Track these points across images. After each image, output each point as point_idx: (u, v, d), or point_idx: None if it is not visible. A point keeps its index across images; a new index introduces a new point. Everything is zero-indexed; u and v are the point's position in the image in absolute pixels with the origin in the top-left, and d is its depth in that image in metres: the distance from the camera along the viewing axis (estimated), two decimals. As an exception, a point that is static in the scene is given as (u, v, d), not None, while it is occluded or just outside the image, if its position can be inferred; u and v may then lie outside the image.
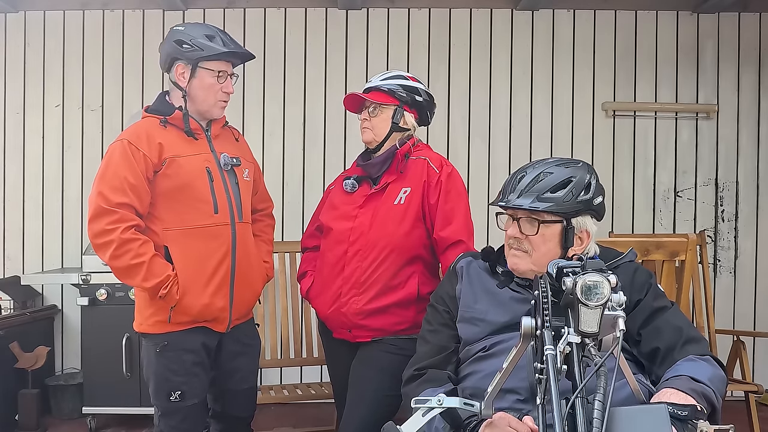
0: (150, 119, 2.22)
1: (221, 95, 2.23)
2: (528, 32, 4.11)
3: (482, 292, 1.77)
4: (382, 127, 2.33)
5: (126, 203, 2.09)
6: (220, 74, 2.20)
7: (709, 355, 1.55)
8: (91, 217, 2.09)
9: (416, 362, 1.79)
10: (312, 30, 4.07)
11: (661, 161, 4.17)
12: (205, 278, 2.17)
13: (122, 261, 2.07)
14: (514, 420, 1.38)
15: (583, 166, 1.71)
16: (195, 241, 2.17)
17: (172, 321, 2.15)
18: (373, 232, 2.27)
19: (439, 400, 1.31)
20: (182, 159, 2.17)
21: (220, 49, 2.17)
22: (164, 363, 2.18)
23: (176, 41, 2.17)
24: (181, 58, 2.17)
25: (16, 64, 4.05)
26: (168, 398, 2.18)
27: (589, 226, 1.69)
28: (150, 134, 2.15)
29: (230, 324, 2.27)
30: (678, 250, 2.54)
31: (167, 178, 2.15)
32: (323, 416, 3.57)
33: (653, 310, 1.64)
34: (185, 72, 2.19)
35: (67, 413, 3.67)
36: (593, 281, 1.19)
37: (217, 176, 2.21)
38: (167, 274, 2.10)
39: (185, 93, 2.20)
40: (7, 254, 4.05)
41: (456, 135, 4.12)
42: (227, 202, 2.22)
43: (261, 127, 4.06)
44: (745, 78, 4.14)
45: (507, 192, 1.72)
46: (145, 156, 2.11)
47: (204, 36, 2.17)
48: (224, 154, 2.26)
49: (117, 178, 2.09)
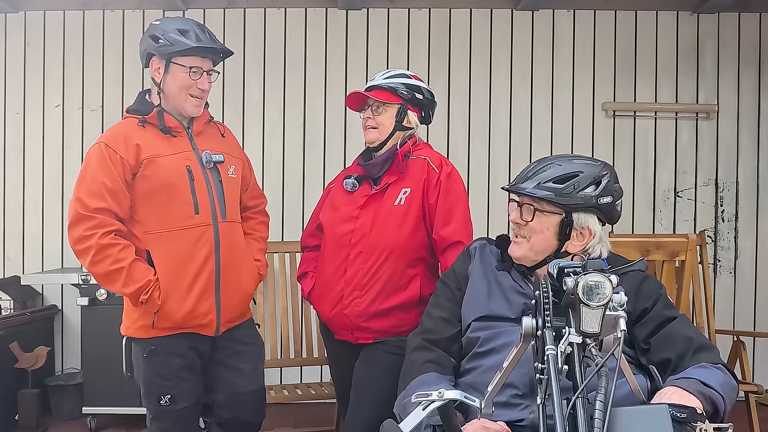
0: (129, 120, 2.17)
1: (195, 91, 2.15)
2: (528, 32, 4.11)
3: (489, 274, 1.78)
4: (386, 126, 2.32)
5: (104, 208, 2.04)
6: (193, 70, 2.12)
7: (721, 363, 1.53)
8: (70, 224, 2.06)
9: (425, 332, 1.79)
10: (312, 30, 4.07)
11: (661, 161, 4.17)
12: (187, 282, 2.12)
13: (101, 267, 2.03)
14: (488, 422, 1.41)
15: (600, 165, 1.70)
16: (175, 244, 2.11)
17: (156, 326, 2.10)
18: (374, 234, 2.27)
19: (440, 393, 1.30)
20: (161, 159, 2.11)
21: (189, 44, 2.09)
22: (152, 367, 2.13)
23: (151, 36, 2.12)
24: (155, 53, 2.12)
25: (16, 64, 4.05)
26: (158, 402, 2.13)
27: (591, 225, 1.67)
28: (128, 135, 2.10)
29: (219, 328, 2.20)
30: (678, 250, 2.54)
31: (145, 179, 2.10)
32: (323, 416, 3.57)
33: (664, 319, 1.62)
34: (160, 68, 2.13)
35: (67, 413, 3.67)
36: (595, 281, 1.19)
37: (198, 175, 2.15)
38: (148, 279, 2.05)
39: (160, 89, 2.15)
40: (7, 254, 4.05)
41: (456, 135, 4.11)
42: (209, 202, 2.16)
43: (261, 127, 4.06)
44: (745, 78, 4.14)
45: (517, 177, 1.74)
46: (122, 159, 2.07)
47: (176, 30, 2.11)
48: (206, 151, 2.19)
49: (94, 182, 2.05)
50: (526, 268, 1.73)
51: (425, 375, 1.67)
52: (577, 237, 1.68)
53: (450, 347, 1.76)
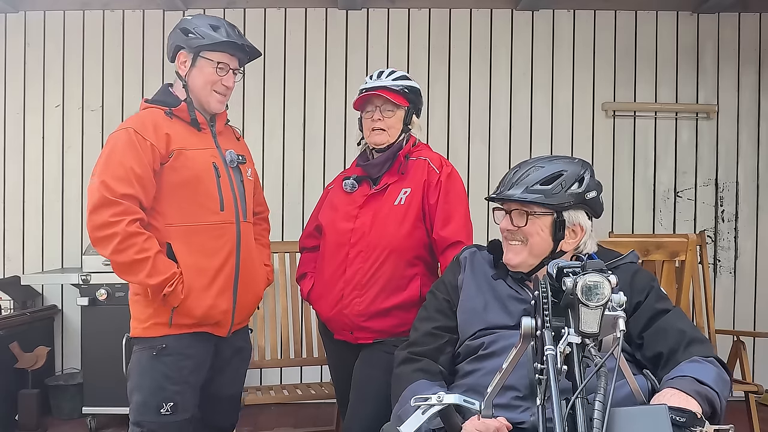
0: (153, 110, 2.11)
1: (219, 87, 2.13)
2: (528, 32, 4.11)
3: (484, 284, 1.78)
4: (396, 128, 2.32)
5: (131, 195, 1.96)
6: (220, 66, 2.11)
7: (713, 356, 1.54)
8: (93, 208, 1.94)
9: (411, 345, 1.80)
10: (312, 30, 4.07)
11: (661, 161, 4.17)
12: (209, 278, 2.07)
13: (126, 255, 1.93)
14: (487, 419, 1.41)
15: (578, 162, 1.73)
16: (199, 239, 2.06)
17: (173, 323, 2.02)
18: (374, 233, 2.27)
19: (439, 397, 1.30)
20: (189, 152, 2.07)
21: (218, 38, 2.08)
22: (160, 369, 2.02)
23: (182, 29, 2.12)
24: (184, 46, 2.11)
25: (16, 64, 4.05)
26: (158, 412, 2.01)
27: (582, 221, 1.70)
28: (157, 124, 2.04)
29: (231, 328, 2.17)
30: (678, 251, 2.54)
31: (174, 171, 2.04)
32: (323, 416, 3.57)
33: (655, 312, 1.63)
34: (186, 61, 2.11)
35: (67, 413, 3.67)
36: (594, 281, 1.19)
37: (223, 172, 2.12)
38: (173, 272, 1.98)
39: (185, 83, 2.13)
40: (7, 254, 4.05)
41: (456, 135, 4.12)
42: (233, 200, 2.13)
43: (261, 127, 4.06)
44: (745, 78, 4.14)
45: (500, 186, 1.75)
46: (152, 146, 2.00)
47: (208, 26, 2.10)
48: (230, 150, 2.18)
49: (122, 167, 1.96)
50: (524, 275, 1.73)
51: (416, 383, 1.67)
52: (570, 234, 1.70)
53: (437, 358, 1.75)
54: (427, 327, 1.80)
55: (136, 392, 2.05)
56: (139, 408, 2.04)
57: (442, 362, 1.75)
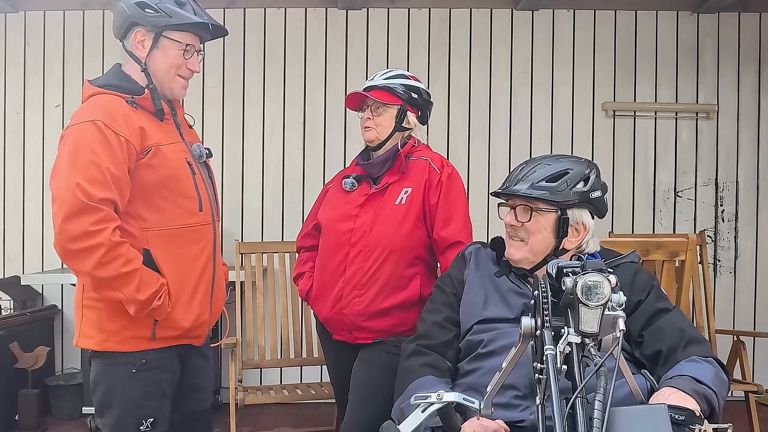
0: (113, 98, 1.81)
1: (184, 71, 1.89)
2: (528, 32, 4.11)
3: (486, 279, 1.79)
4: (386, 126, 2.32)
5: (109, 199, 1.71)
6: (187, 48, 1.86)
7: (712, 357, 1.55)
8: (68, 215, 1.67)
9: (419, 338, 1.80)
10: (312, 30, 4.07)
11: (661, 161, 4.17)
12: (192, 285, 1.87)
13: (110, 269, 1.69)
14: (486, 420, 1.42)
15: (584, 162, 1.74)
16: (179, 244, 1.85)
17: (157, 337, 1.81)
18: (374, 232, 2.26)
19: (439, 396, 1.31)
20: (164, 147, 1.83)
21: (192, 19, 1.84)
22: (139, 386, 1.81)
23: (138, 3, 1.82)
24: (142, 23, 1.82)
25: (16, 64, 4.05)
26: (136, 428, 1.81)
27: (585, 220, 1.71)
28: (127, 116, 1.77)
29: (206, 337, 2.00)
30: (678, 250, 2.54)
31: (151, 169, 1.80)
32: (323, 416, 3.57)
33: (655, 311, 1.64)
34: (145, 40, 1.84)
35: (67, 413, 3.68)
36: (593, 281, 1.19)
37: (195, 169, 1.91)
38: (161, 283, 1.77)
39: (144, 66, 1.85)
40: (7, 254, 4.05)
41: (456, 135, 4.12)
42: (208, 199, 1.93)
43: (261, 127, 4.06)
44: (745, 78, 4.14)
45: (506, 182, 1.77)
46: (127, 142, 1.74)
47: (173, 2, 1.84)
48: (196, 144, 1.97)
49: (96, 167, 1.69)
50: (526, 271, 1.74)
51: (422, 378, 1.68)
52: (573, 233, 1.70)
53: (445, 352, 1.76)
54: (435, 318, 1.81)
55: (111, 409, 1.83)
56: (116, 425, 1.83)
57: (449, 357, 1.76)
